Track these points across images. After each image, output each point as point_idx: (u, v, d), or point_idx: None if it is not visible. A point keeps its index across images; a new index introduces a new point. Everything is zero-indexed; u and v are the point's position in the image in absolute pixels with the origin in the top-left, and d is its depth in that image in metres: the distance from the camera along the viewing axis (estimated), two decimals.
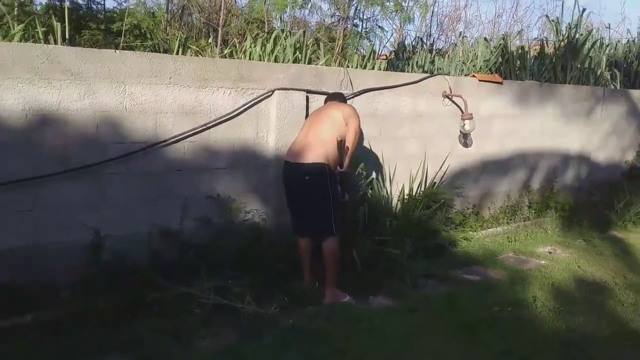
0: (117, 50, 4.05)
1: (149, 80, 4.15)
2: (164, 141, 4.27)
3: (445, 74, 6.09)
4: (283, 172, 4.24)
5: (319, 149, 4.05)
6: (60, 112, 3.84)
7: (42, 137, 3.81)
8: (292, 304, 4.07)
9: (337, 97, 4.64)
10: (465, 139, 6.23)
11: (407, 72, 7.05)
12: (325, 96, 4.84)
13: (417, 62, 7.40)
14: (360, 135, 4.63)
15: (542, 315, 3.96)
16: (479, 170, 6.50)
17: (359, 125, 4.20)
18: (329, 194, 4.05)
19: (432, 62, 7.43)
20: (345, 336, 3.55)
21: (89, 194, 4.02)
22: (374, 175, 5.36)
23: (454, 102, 6.06)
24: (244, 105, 4.60)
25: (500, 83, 6.43)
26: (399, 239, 4.95)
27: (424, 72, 6.99)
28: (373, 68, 6.25)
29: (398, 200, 5.63)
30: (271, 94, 4.74)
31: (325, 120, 4.21)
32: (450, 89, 5.97)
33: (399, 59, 7.95)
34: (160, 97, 4.22)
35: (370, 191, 5.20)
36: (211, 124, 4.47)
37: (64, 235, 3.90)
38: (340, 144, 4.04)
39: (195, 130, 4.40)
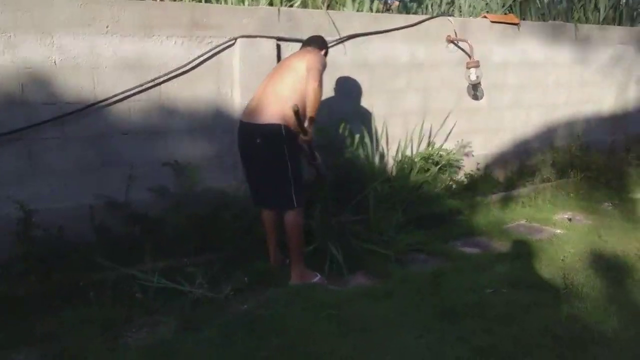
0: None
1: (83, 30, 3.57)
2: (104, 100, 3.71)
3: (449, 15, 5.30)
4: (237, 133, 3.62)
5: (275, 107, 3.39)
6: None
7: None
8: (252, 285, 3.54)
9: (312, 43, 3.85)
10: (475, 90, 5.48)
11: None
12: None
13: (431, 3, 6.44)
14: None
15: (542, 299, 3.29)
16: (492, 127, 5.75)
17: (320, 82, 3.43)
18: (286, 160, 3.41)
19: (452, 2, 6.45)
20: (301, 327, 2.98)
21: (17, 163, 3.52)
22: (363, 134, 4.70)
23: (460, 48, 5.29)
24: (200, 56, 3.99)
25: (517, 25, 5.61)
26: (389, 206, 4.35)
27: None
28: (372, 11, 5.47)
29: (394, 163, 4.99)
30: (233, 43, 4.11)
31: (286, 72, 3.53)
32: (456, 33, 5.20)
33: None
34: (97, 50, 3.64)
35: (355, 153, 4.55)
36: (161, 80, 3.88)
37: None
38: (297, 112, 3.30)
39: (142, 87, 3.82)
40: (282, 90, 3.43)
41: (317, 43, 3.85)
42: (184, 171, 4.00)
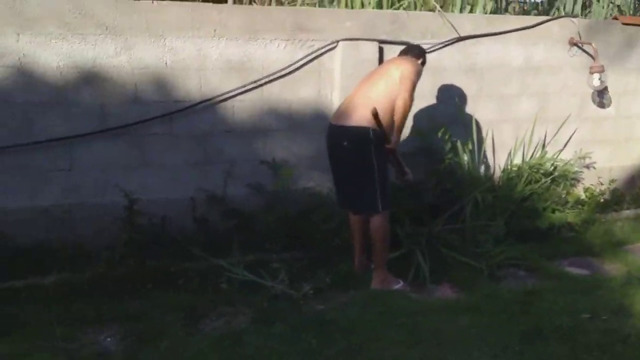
0: (154, 1, 3.75)
1: (191, 34, 3.81)
2: (210, 99, 3.93)
3: (572, 16, 4.92)
4: (326, 135, 3.64)
5: (364, 110, 3.35)
6: (95, 69, 3.67)
7: (78, 95, 3.68)
8: (332, 287, 3.55)
9: (410, 51, 3.78)
10: (601, 97, 5.03)
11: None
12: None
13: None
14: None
15: None
16: (620, 137, 5.24)
17: (411, 93, 3.39)
18: (373, 163, 3.38)
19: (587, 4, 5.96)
20: (371, 331, 2.94)
21: (128, 155, 3.84)
22: (467, 141, 4.51)
23: (585, 51, 4.89)
24: (301, 59, 4.08)
25: None
26: (490, 217, 4.13)
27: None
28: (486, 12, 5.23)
29: (501, 172, 4.73)
30: (335, 46, 4.15)
31: (379, 78, 3.50)
32: (580, 35, 4.82)
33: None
34: (204, 52, 3.87)
35: (455, 161, 4.37)
36: (263, 81, 4.03)
37: (100, 196, 3.78)
38: (376, 115, 3.27)
39: (245, 88, 3.99)
40: (373, 95, 3.40)
41: (415, 52, 3.77)
42: (280, 169, 4.11)
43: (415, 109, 4.43)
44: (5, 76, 3.50)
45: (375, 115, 3.23)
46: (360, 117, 3.38)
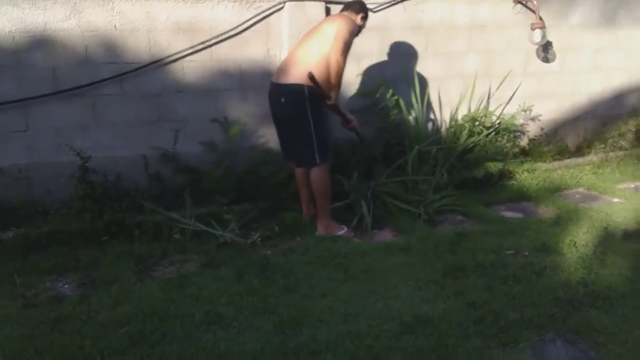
0: None
1: None
2: (160, 60, 4.07)
3: None
4: (268, 93, 3.81)
5: (300, 68, 3.52)
6: (46, 33, 3.79)
7: (31, 58, 3.80)
8: (280, 235, 3.78)
9: (350, 7, 3.89)
10: (545, 52, 5.23)
11: None
12: None
13: None
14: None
15: (562, 265, 3.20)
16: (565, 91, 5.47)
17: (343, 52, 3.52)
18: (308, 119, 3.56)
19: None
20: (308, 272, 3.18)
21: (82, 116, 3.98)
22: (412, 98, 4.70)
23: (528, 8, 5.06)
24: (249, 19, 4.22)
25: None
26: (431, 168, 4.36)
27: None
28: None
29: (446, 127, 4.94)
30: (282, 7, 4.29)
31: (315, 36, 3.64)
32: None
33: None
34: (153, 14, 3.99)
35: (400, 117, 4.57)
36: (212, 42, 4.17)
37: (56, 156, 3.94)
38: (313, 78, 3.43)
39: (194, 49, 4.13)
40: (308, 53, 3.56)
41: (355, 7, 3.86)
42: (231, 127, 4.29)
43: (363, 67, 4.65)
44: None
45: (312, 78, 3.40)
46: (296, 74, 3.54)
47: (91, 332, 2.56)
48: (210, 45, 4.18)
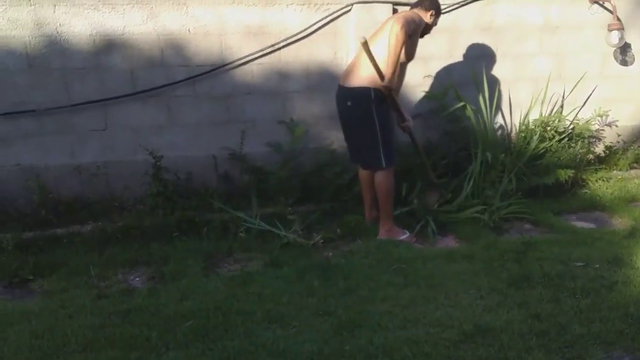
0: None
1: (212, 1, 4.06)
2: (230, 63, 4.20)
3: None
4: (335, 96, 3.83)
5: (366, 70, 3.52)
6: (125, 36, 3.99)
7: (110, 61, 4.01)
8: (342, 237, 3.81)
9: (420, 4, 3.78)
10: (623, 55, 5.01)
11: None
12: None
13: None
14: (410, 47, 3.65)
15: (635, 279, 3.06)
16: None
17: (403, 26, 3.37)
18: (374, 122, 3.56)
19: None
20: (368, 275, 3.20)
21: (156, 116, 4.17)
22: (480, 101, 4.61)
23: (606, 8, 4.86)
24: (317, 22, 4.27)
25: None
26: (499, 174, 4.27)
27: None
28: None
29: (517, 131, 4.82)
30: (350, 9, 4.32)
31: (380, 34, 3.62)
32: None
33: None
34: (224, 19, 4.12)
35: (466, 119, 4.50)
36: (281, 45, 4.25)
37: (132, 154, 4.13)
38: (365, 43, 3.32)
39: (263, 52, 4.24)
40: (374, 52, 3.52)
41: (424, 4, 3.75)
42: (295, 129, 4.36)
43: (431, 69, 4.61)
44: (45, 44, 3.87)
45: (364, 44, 3.32)
46: (362, 77, 3.55)
47: (158, 325, 2.68)
48: (279, 48, 4.28)
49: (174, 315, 2.78)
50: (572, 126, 4.79)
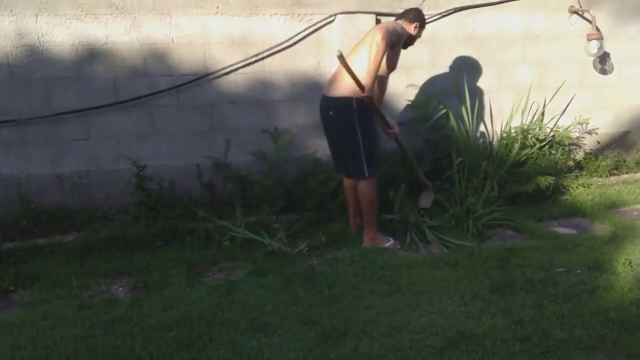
0: None
1: (195, 11, 4.07)
2: (214, 73, 4.20)
3: None
4: (319, 106, 3.84)
5: (347, 80, 3.51)
6: (107, 46, 3.98)
7: (92, 70, 3.99)
8: (327, 245, 3.82)
9: (403, 15, 3.83)
10: (602, 64, 5.10)
11: None
12: None
13: None
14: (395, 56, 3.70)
15: (616, 285, 3.09)
16: (623, 104, 5.30)
17: (384, 37, 3.38)
18: (356, 132, 3.58)
19: None
20: (352, 283, 3.21)
21: (140, 125, 4.15)
22: (462, 109, 4.65)
23: (585, 18, 4.95)
24: (300, 32, 4.30)
25: None
26: (481, 182, 4.31)
27: None
28: None
29: (498, 139, 4.87)
30: (333, 19, 4.35)
31: (361, 46, 3.64)
32: (580, 3, 4.88)
33: None
34: (208, 28, 4.12)
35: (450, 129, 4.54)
36: (265, 55, 4.27)
37: (115, 163, 4.11)
38: (341, 57, 3.33)
39: (247, 62, 4.24)
40: (356, 63, 3.54)
41: (409, 16, 3.80)
42: (279, 138, 4.36)
43: (413, 78, 4.65)
44: (26, 54, 3.84)
45: (339, 57, 3.33)
46: (344, 87, 3.56)
47: (141, 335, 2.65)
48: (263, 58, 4.29)
49: (158, 325, 2.76)
50: (552, 134, 4.86)
